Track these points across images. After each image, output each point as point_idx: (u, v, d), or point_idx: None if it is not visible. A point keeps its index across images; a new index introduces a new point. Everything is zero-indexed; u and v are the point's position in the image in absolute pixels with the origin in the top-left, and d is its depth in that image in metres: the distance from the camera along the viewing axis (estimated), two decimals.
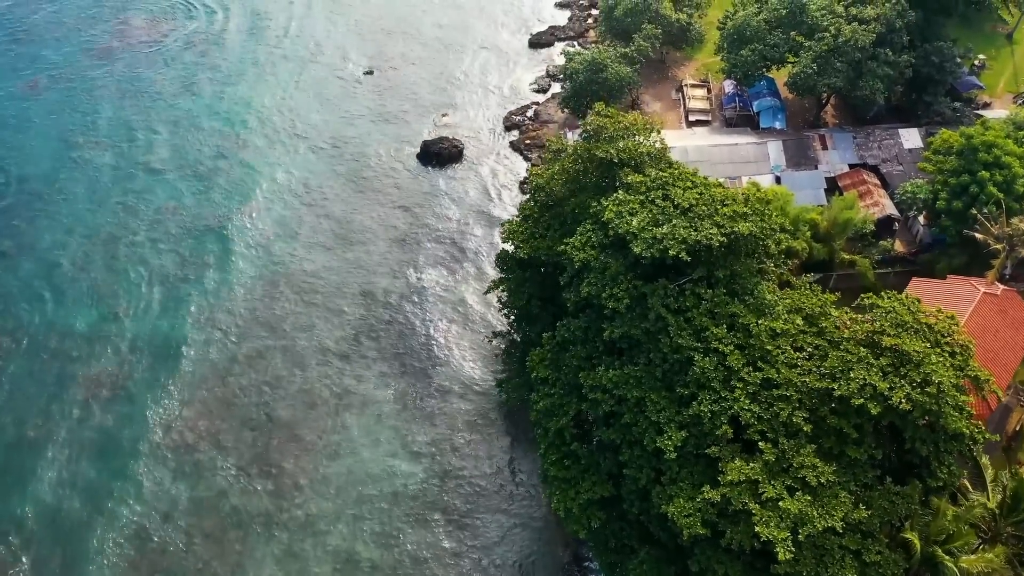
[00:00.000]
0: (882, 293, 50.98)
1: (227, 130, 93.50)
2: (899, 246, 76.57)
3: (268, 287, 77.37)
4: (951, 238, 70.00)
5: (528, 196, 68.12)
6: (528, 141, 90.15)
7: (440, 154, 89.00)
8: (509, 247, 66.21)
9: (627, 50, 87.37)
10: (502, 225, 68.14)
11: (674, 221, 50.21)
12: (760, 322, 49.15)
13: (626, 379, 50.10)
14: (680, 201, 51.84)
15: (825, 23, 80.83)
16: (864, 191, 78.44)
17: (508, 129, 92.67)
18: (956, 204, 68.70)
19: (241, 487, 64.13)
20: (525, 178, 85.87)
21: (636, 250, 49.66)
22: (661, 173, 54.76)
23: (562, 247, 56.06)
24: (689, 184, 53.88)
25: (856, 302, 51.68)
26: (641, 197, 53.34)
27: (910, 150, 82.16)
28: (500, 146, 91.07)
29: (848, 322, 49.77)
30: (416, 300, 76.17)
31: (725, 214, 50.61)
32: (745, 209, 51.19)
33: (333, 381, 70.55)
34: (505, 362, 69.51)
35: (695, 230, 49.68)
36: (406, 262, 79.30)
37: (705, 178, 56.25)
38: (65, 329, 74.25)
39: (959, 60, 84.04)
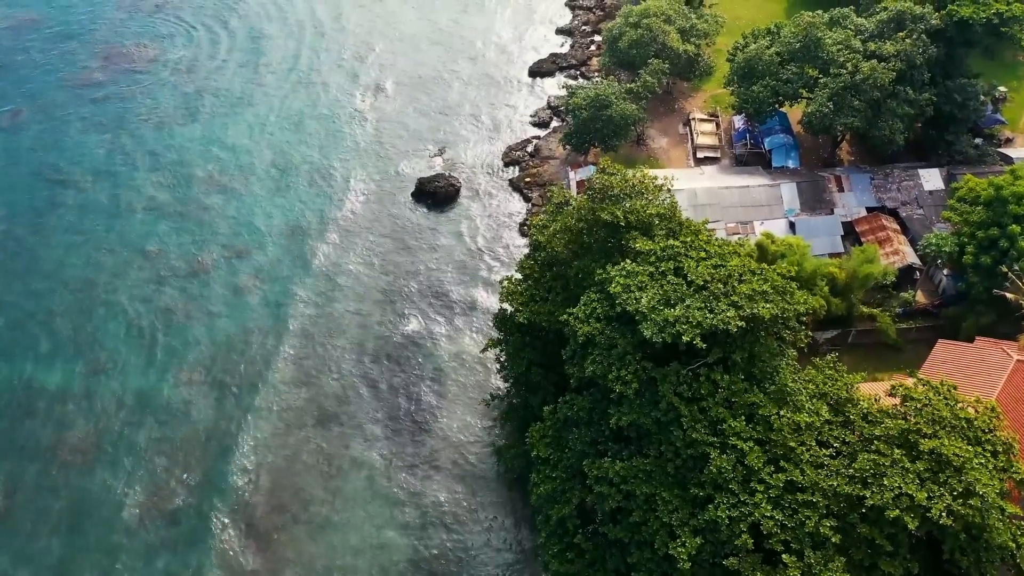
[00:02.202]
0: (915, 381, 46.58)
1: (214, 166, 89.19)
2: (920, 297, 72.34)
3: (251, 340, 72.97)
4: (978, 295, 65.64)
5: (528, 253, 63.80)
6: (528, 179, 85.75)
7: (436, 193, 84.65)
8: (508, 307, 61.93)
9: (632, 85, 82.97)
10: (500, 282, 63.88)
11: (687, 301, 45.98)
12: (782, 414, 44.91)
13: (635, 473, 46.03)
14: (693, 277, 47.60)
15: (842, 59, 76.53)
16: (883, 238, 74.24)
17: (507, 165, 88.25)
18: (984, 259, 64.40)
19: (225, 562, 59.84)
20: (525, 220, 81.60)
21: (646, 334, 45.43)
22: (672, 241, 50.50)
23: (565, 316, 51.94)
24: (703, 254, 49.66)
25: (890, 391, 47.06)
26: (651, 268, 49.14)
27: (931, 192, 77.98)
28: (498, 184, 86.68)
29: (877, 412, 45.41)
30: (408, 355, 71.76)
31: (743, 293, 46.32)
32: (766, 287, 46.84)
33: (320, 444, 66.20)
34: (503, 427, 65.21)
35: (710, 311, 45.46)
36: (398, 313, 74.94)
37: (720, 244, 52.06)
38: (38, 385, 69.98)
39: (983, 98, 79.61)
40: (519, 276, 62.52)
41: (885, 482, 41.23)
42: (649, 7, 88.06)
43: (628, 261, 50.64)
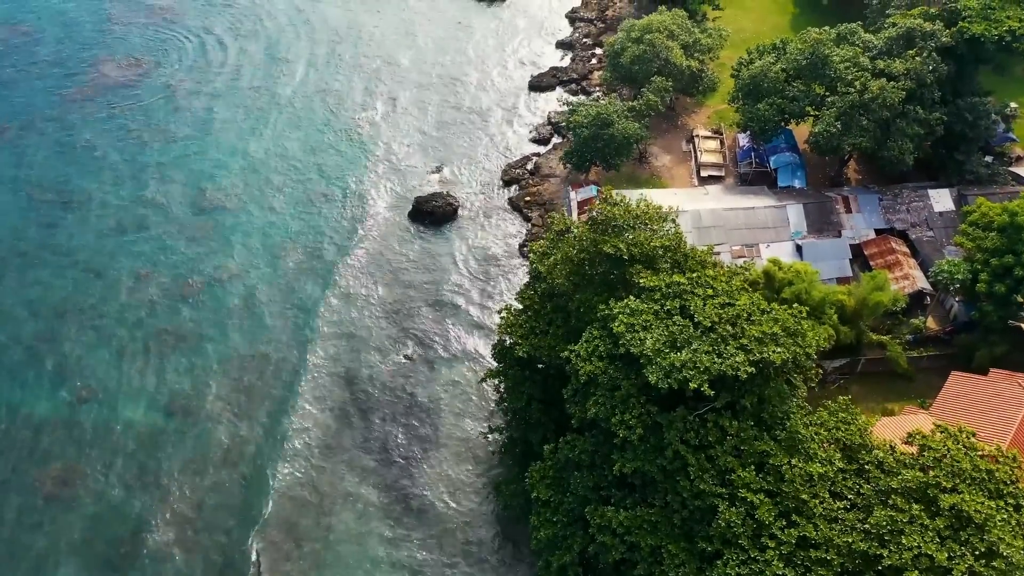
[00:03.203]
0: (933, 428, 44.54)
1: (205, 184, 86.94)
2: (931, 322, 70.32)
3: (243, 367, 70.91)
4: (992, 324, 63.66)
5: (527, 282, 61.81)
6: (528, 198, 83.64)
7: (433, 212, 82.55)
8: (507, 338, 59.91)
9: (635, 103, 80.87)
10: (499, 312, 61.90)
11: (694, 344, 43.96)
12: (794, 463, 42.90)
13: (640, 523, 44.09)
14: (700, 317, 45.55)
15: (850, 76, 74.50)
16: (893, 261, 72.28)
17: (506, 184, 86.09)
18: (999, 287, 62.43)
19: None
20: (524, 242, 79.54)
21: (651, 379, 43.43)
22: (677, 278, 48.46)
23: (566, 353, 50.00)
24: (710, 292, 47.61)
25: (906, 439, 45.04)
26: (655, 307, 47.13)
27: (941, 213, 76.04)
28: (497, 203, 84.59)
29: (893, 462, 43.36)
30: (403, 383, 69.67)
31: (753, 335, 44.27)
32: (776, 328, 44.78)
33: (313, 478, 64.18)
34: (501, 462, 63.20)
35: (719, 356, 43.45)
36: (392, 338, 72.85)
37: (727, 279, 49.98)
38: (22, 414, 67.85)
39: (995, 117, 77.55)
40: (518, 306, 60.59)
41: (903, 540, 39.26)
42: (652, 21, 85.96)
43: (632, 297, 48.63)
